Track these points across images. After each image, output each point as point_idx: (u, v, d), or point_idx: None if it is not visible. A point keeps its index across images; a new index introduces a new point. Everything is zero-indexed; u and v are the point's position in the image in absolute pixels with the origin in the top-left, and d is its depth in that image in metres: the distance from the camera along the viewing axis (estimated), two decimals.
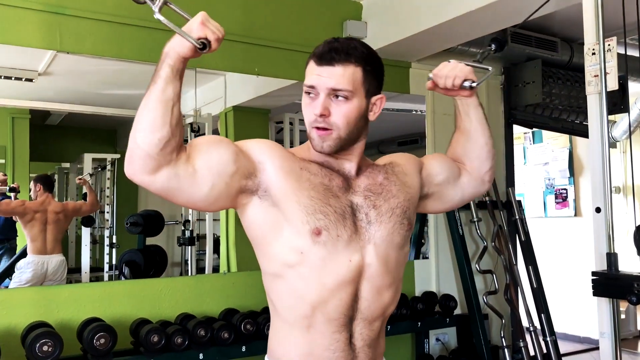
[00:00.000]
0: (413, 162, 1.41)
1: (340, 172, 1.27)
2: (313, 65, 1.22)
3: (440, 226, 3.68)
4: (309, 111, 1.22)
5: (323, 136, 1.21)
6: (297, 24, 3.13)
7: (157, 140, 1.04)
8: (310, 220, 1.17)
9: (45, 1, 2.44)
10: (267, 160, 1.19)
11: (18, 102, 3.15)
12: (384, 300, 1.26)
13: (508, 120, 4.04)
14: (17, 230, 3.10)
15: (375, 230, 1.24)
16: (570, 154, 5.62)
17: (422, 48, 3.33)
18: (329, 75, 1.19)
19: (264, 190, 1.19)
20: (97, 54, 2.59)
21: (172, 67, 1.07)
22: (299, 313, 1.22)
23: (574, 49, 4.03)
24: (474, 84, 1.36)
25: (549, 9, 2.72)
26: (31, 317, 2.37)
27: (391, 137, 4.35)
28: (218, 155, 1.13)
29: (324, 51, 1.21)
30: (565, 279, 5.31)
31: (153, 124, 1.04)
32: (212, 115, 3.19)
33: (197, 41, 1.06)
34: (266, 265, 1.25)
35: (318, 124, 1.21)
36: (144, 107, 1.05)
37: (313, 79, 1.21)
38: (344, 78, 1.19)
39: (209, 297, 2.82)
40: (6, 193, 3.04)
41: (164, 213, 3.39)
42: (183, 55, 1.08)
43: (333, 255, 1.19)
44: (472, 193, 1.49)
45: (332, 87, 1.19)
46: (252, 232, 1.24)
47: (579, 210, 5.56)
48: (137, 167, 1.06)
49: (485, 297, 3.55)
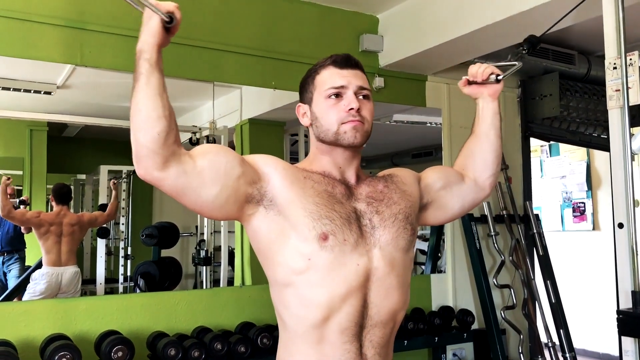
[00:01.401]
0: (411, 174, 1.45)
1: (342, 180, 1.31)
2: (334, 69, 1.31)
3: (457, 240, 3.65)
4: (336, 110, 1.28)
5: (358, 127, 1.28)
6: (314, 38, 3.14)
7: (157, 134, 1.07)
8: (316, 226, 1.19)
9: (66, 17, 2.48)
10: (272, 171, 1.23)
11: (36, 114, 3.19)
12: (393, 303, 1.26)
13: (525, 133, 4.01)
14: (25, 242, 3.12)
15: (380, 235, 1.26)
16: (588, 167, 5.56)
17: (439, 61, 3.32)
18: (355, 75, 1.30)
19: (270, 199, 1.21)
20: (117, 68, 2.61)
21: (149, 60, 1.10)
22: (309, 323, 1.21)
23: (591, 61, 4.00)
24: (500, 77, 1.47)
25: (567, 22, 2.71)
26: (49, 329, 2.38)
27: (405, 150, 4.34)
28: (224, 158, 1.17)
29: (343, 57, 1.32)
30: (585, 294, 5.24)
31: (148, 119, 1.07)
32: (228, 128, 3.20)
33: (165, 14, 1.11)
34: (273, 275, 1.26)
35: (354, 117, 1.27)
36: (135, 107, 1.09)
37: (341, 80, 1.29)
38: (365, 80, 1.32)
39: (225, 311, 2.82)
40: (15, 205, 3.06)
41: (178, 225, 3.40)
42: (156, 42, 1.11)
43: (340, 259, 1.20)
44: (473, 200, 1.51)
45: (361, 84, 1.30)
46: (258, 243, 1.26)
47: (597, 224, 5.48)
48: (146, 165, 1.09)
49: (502, 312, 3.51)
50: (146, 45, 1.11)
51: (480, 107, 1.51)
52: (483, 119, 1.50)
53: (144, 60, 1.10)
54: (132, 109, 1.09)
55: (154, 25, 1.11)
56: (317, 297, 1.20)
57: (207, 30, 2.82)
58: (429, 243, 3.81)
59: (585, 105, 4.07)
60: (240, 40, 2.90)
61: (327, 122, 1.29)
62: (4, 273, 3.16)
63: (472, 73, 1.50)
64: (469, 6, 2.81)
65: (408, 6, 3.17)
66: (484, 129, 1.50)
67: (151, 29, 1.11)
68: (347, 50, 3.15)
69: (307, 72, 1.37)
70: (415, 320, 3.11)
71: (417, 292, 3.42)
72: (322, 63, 1.33)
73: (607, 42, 2.18)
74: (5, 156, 3.39)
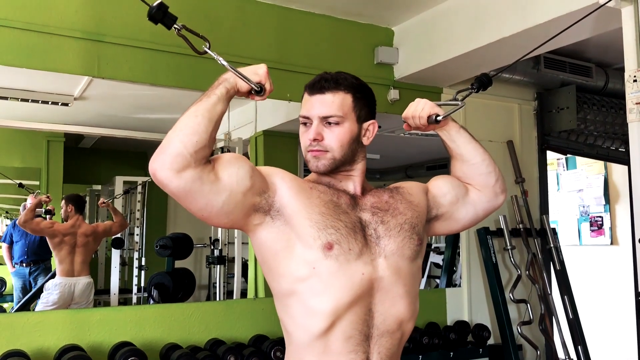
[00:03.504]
0: (417, 185, 1.45)
1: (346, 191, 1.32)
2: (306, 95, 1.31)
3: (473, 253, 3.61)
4: (304, 138, 1.31)
5: (317, 156, 1.29)
6: (329, 51, 3.14)
7: (195, 142, 1.11)
8: (321, 236, 1.21)
9: (85, 29, 2.51)
10: (280, 182, 1.24)
11: (54, 126, 3.23)
12: (400, 312, 1.26)
13: (541, 146, 3.97)
14: (51, 252, 3.14)
15: (385, 244, 1.27)
16: (606, 181, 5.49)
17: (454, 74, 3.31)
18: (321, 102, 1.28)
19: (277, 210, 1.23)
20: (133, 80, 2.64)
21: (228, 90, 1.19)
22: (314, 332, 1.21)
23: (609, 74, 3.97)
24: (439, 117, 1.41)
25: (585, 34, 2.68)
26: (64, 340, 2.38)
27: (419, 162, 4.31)
28: (238, 169, 1.18)
29: (314, 81, 1.31)
30: (602, 310, 5.14)
31: (197, 128, 1.12)
32: (242, 139, 3.21)
33: (256, 84, 1.22)
34: (278, 285, 1.26)
35: (312, 147, 1.29)
36: (192, 114, 1.14)
37: (306, 109, 1.30)
38: (334, 105, 1.28)
39: (239, 323, 2.80)
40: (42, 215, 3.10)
41: (192, 236, 3.40)
42: (239, 89, 1.22)
43: (345, 268, 1.21)
44: (487, 208, 1.49)
45: (323, 115, 1.28)
46: (263, 253, 1.27)
47: (616, 239, 5.39)
48: (165, 161, 1.10)
49: (519, 327, 3.46)
50: (231, 86, 1.21)
51: (441, 134, 1.47)
52: (451, 141, 1.47)
53: (223, 86, 1.19)
54: (188, 113, 1.14)
55: (244, 86, 1.22)
56: (322, 305, 1.20)
57: (223, 43, 2.84)
58: (444, 256, 3.78)
59: (603, 118, 4.03)
60: (256, 53, 2.91)
61: (302, 148, 1.33)
62: (30, 283, 3.19)
63: (408, 117, 1.45)
64: (485, 19, 2.80)
65: (423, 19, 3.17)
66: (460, 151, 1.46)
67: (242, 86, 1.22)
68: (362, 62, 3.21)
69: None
70: (430, 334, 3.08)
71: (432, 306, 3.38)
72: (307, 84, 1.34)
73: (626, 55, 2.16)
74: (23, 166, 3.43)
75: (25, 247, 3.24)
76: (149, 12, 1.20)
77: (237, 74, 1.20)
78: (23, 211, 3.06)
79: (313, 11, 3.10)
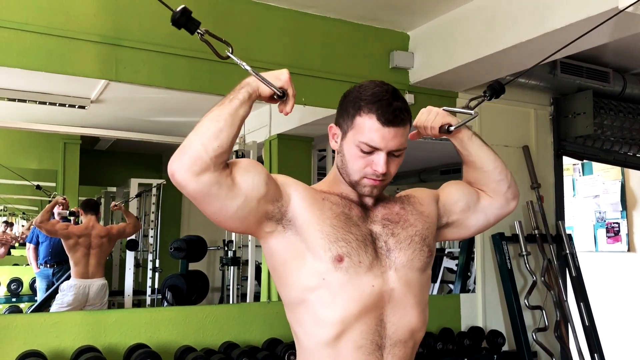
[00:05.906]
0: (428, 193, 1.44)
1: (358, 202, 1.32)
2: (376, 124, 1.22)
3: (487, 259, 3.59)
4: (363, 163, 1.25)
5: (377, 185, 1.27)
6: (345, 55, 3.14)
7: (217, 146, 1.11)
8: (332, 248, 1.21)
9: (102, 33, 2.53)
10: (293, 192, 1.25)
11: (71, 128, 3.27)
12: (411, 322, 1.27)
13: (557, 151, 3.94)
14: None
15: (395, 257, 1.28)
16: (623, 187, 5.43)
17: (470, 79, 3.30)
18: (395, 136, 1.23)
19: (289, 219, 1.23)
20: (151, 84, 2.65)
21: (250, 95, 1.19)
22: (323, 341, 1.22)
23: (627, 79, 3.93)
24: (451, 128, 1.39)
25: (603, 40, 2.66)
26: (80, 341, 2.40)
27: (433, 166, 4.30)
28: (255, 175, 1.19)
29: (388, 112, 1.22)
30: (619, 317, 5.08)
31: (218, 132, 1.12)
32: (257, 143, 3.22)
33: (278, 89, 1.21)
34: (288, 294, 1.27)
35: (376, 177, 1.25)
36: (215, 117, 1.14)
37: (379, 141, 1.22)
38: (404, 137, 1.26)
39: (253, 326, 2.81)
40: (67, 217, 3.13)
41: (206, 238, 3.42)
42: (261, 94, 1.21)
43: (355, 280, 1.21)
44: (498, 214, 1.48)
45: (397, 147, 1.24)
46: (274, 262, 1.27)
47: (633, 246, 5.34)
48: (185, 163, 1.11)
49: (534, 334, 3.43)
50: (253, 91, 1.20)
51: (453, 141, 1.45)
52: (463, 149, 1.45)
53: (246, 91, 1.19)
54: (209, 117, 1.14)
55: (266, 90, 1.21)
56: (330, 315, 1.21)
57: (239, 47, 2.81)
58: (458, 262, 3.76)
59: (620, 123, 3.99)
60: (272, 57, 2.92)
61: (351, 169, 1.27)
62: (54, 283, 3.22)
63: (420, 127, 1.42)
64: (501, 24, 2.78)
65: (439, 23, 3.16)
66: (472, 158, 1.45)
67: (264, 91, 1.21)
68: (377, 66, 3.21)
69: (352, 94, 1.28)
70: (444, 340, 3.06)
71: (446, 312, 3.36)
72: (369, 104, 1.23)
73: None
74: (40, 168, 3.47)
75: (50, 248, 3.29)
76: (173, 17, 1.20)
77: (261, 79, 1.20)
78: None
79: (329, 16, 3.10)
